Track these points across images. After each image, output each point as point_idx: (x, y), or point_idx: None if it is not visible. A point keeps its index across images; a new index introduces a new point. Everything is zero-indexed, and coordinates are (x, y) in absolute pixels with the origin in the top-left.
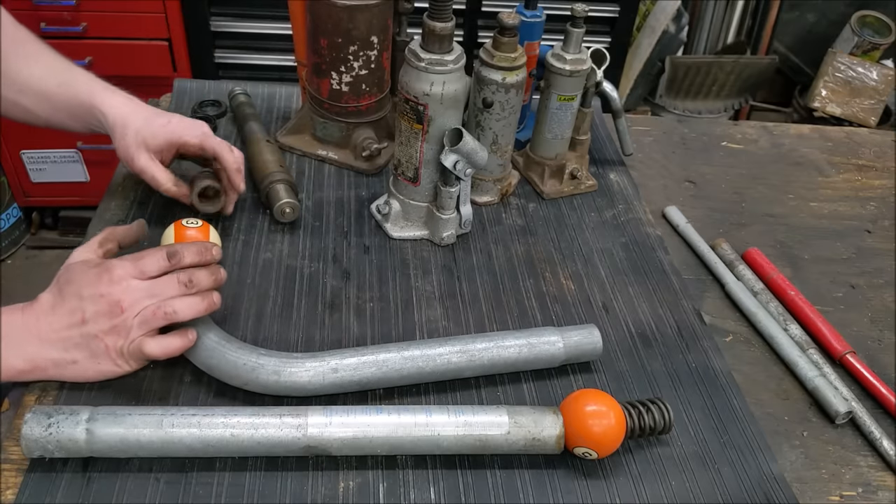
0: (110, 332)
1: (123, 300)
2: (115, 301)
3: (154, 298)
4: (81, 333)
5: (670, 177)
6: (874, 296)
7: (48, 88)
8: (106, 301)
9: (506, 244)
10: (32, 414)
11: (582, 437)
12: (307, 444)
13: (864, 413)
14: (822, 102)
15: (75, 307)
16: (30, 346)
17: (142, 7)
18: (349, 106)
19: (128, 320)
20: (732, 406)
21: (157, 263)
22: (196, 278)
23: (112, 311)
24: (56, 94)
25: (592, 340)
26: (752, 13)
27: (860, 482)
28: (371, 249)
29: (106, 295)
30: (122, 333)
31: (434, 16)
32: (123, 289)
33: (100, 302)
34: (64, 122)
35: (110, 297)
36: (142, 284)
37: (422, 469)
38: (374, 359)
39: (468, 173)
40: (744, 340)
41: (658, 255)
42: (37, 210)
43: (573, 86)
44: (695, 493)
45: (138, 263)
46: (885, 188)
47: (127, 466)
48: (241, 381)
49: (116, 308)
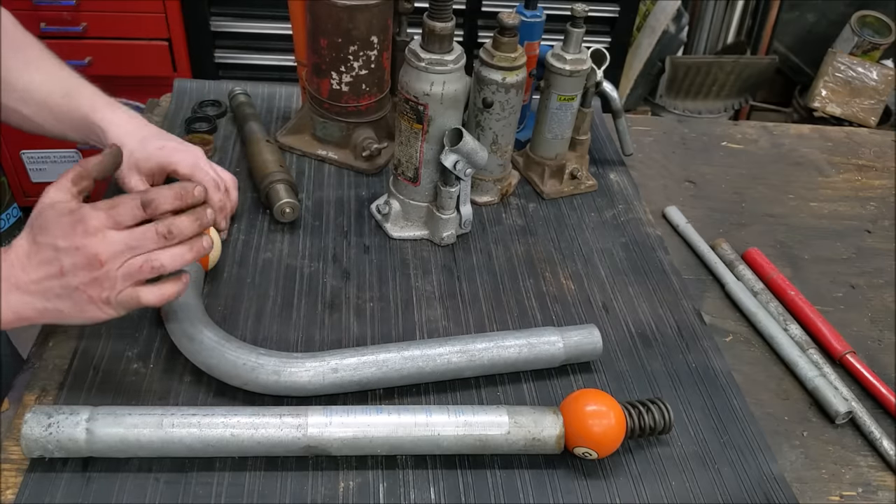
0: (91, 283)
1: (101, 253)
2: (93, 254)
3: (133, 251)
4: (62, 285)
5: (670, 177)
6: (874, 296)
7: (50, 98)
8: (83, 254)
9: (506, 244)
10: (32, 414)
11: (582, 437)
12: (307, 444)
13: (864, 413)
14: (822, 102)
15: (51, 258)
16: (12, 297)
17: (142, 7)
18: (349, 106)
19: (110, 272)
20: (732, 406)
21: (131, 212)
22: (176, 227)
23: (90, 263)
24: (58, 104)
25: (592, 340)
26: (752, 13)
27: (860, 482)
28: (371, 249)
29: (82, 248)
30: (106, 285)
31: (434, 16)
32: (99, 241)
33: (76, 255)
34: (65, 132)
35: (87, 251)
36: (118, 236)
37: (422, 469)
38: (374, 359)
39: (468, 173)
40: (744, 340)
41: (658, 255)
42: None
43: (573, 86)
44: (695, 493)
45: (112, 213)
46: (885, 188)
47: (127, 466)
48: (241, 380)
49: (95, 261)
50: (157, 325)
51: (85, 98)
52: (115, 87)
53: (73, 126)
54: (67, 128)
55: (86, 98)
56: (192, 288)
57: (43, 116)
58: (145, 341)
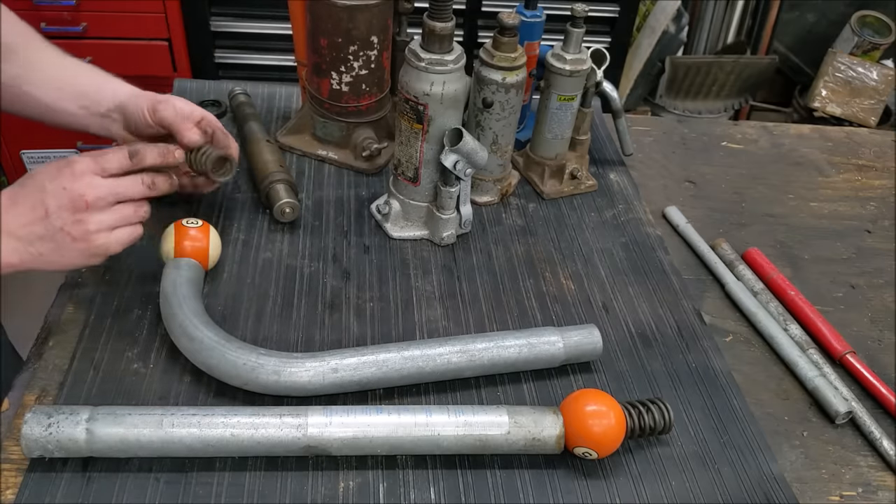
0: (74, 224)
1: (87, 194)
2: (79, 195)
3: (118, 197)
4: (45, 227)
5: (670, 177)
6: (874, 296)
7: (58, 74)
8: (68, 195)
9: (506, 244)
10: (32, 414)
11: (582, 437)
12: (307, 444)
13: (864, 413)
14: (822, 102)
15: (37, 201)
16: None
17: (142, 7)
18: (349, 106)
19: (93, 214)
20: (732, 406)
21: (118, 162)
22: (157, 181)
23: (75, 205)
24: (63, 78)
25: (592, 340)
26: (752, 13)
27: (860, 482)
28: (371, 249)
29: (69, 189)
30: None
31: (434, 16)
32: (87, 184)
33: (62, 196)
34: (66, 107)
35: (73, 192)
36: (105, 182)
37: (422, 469)
38: (374, 359)
39: (468, 173)
40: (744, 340)
41: (658, 255)
42: None
43: (573, 86)
44: (695, 493)
45: (100, 160)
46: (885, 188)
47: (127, 466)
48: (241, 380)
49: (80, 202)
50: (157, 325)
51: (93, 70)
52: None
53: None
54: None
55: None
56: (192, 287)
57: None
58: (145, 341)
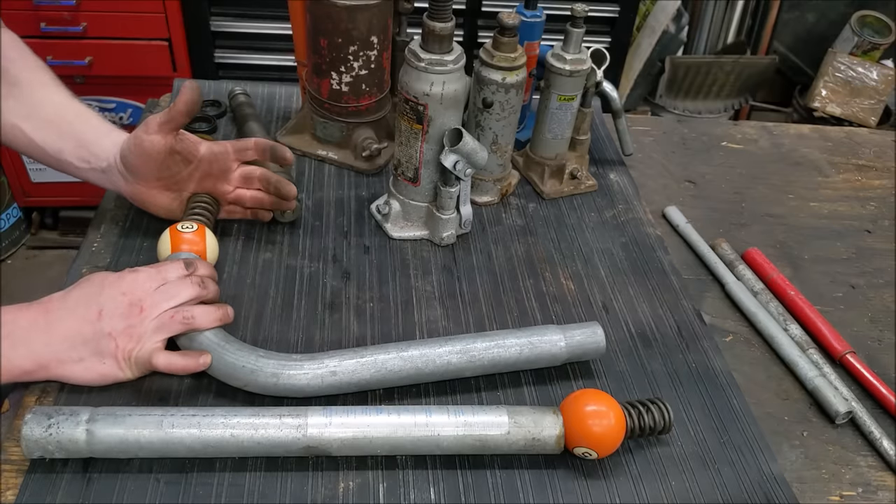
0: (123, 332)
1: (144, 300)
2: (137, 300)
3: (172, 300)
4: (94, 330)
5: (670, 177)
6: (874, 296)
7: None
8: (127, 300)
9: (506, 244)
10: (32, 414)
11: (582, 437)
12: (307, 445)
13: (864, 413)
14: (822, 102)
15: (93, 303)
16: (36, 344)
17: (142, 7)
18: (349, 106)
19: (145, 322)
20: (732, 406)
21: (177, 271)
22: (208, 282)
23: (131, 311)
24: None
25: (596, 339)
26: (752, 13)
27: (860, 482)
28: (371, 249)
29: (128, 293)
30: (135, 337)
31: (434, 16)
32: (145, 290)
33: (120, 300)
34: (62, 149)
35: (132, 296)
36: (161, 288)
37: (422, 469)
38: (374, 360)
39: (468, 173)
40: (744, 340)
41: (658, 255)
42: (37, 210)
43: (573, 86)
44: (695, 493)
45: (161, 269)
46: (885, 188)
47: (127, 467)
48: (241, 382)
49: (136, 308)
50: None
51: (96, 120)
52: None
53: (80, 141)
54: (72, 143)
55: (98, 121)
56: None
57: (46, 133)
58: None
